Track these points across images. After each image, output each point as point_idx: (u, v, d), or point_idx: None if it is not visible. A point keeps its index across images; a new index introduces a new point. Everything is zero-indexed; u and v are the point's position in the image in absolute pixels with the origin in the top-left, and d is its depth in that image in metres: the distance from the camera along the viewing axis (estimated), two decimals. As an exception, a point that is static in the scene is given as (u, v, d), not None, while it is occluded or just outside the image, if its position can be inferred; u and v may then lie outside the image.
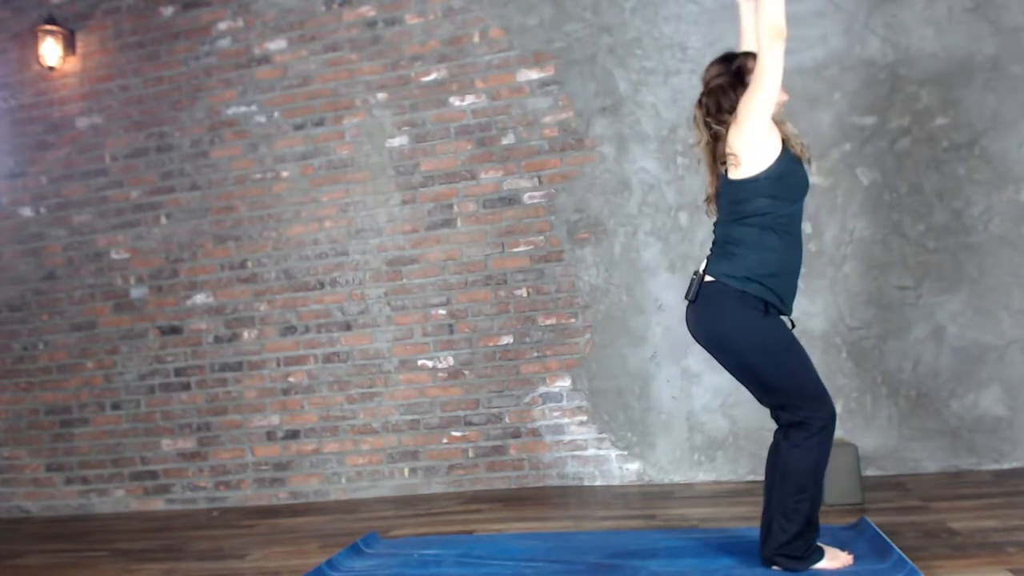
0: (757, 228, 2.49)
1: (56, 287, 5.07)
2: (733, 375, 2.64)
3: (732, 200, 2.54)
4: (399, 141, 4.66)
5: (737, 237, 2.53)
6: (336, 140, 4.73)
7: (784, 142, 2.51)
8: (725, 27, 4.24)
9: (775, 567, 2.52)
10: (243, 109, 4.85)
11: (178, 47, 4.96)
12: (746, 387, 2.64)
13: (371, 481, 4.61)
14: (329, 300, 4.71)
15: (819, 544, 2.54)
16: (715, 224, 2.65)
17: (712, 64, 2.61)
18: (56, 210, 5.10)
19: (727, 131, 2.50)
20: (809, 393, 2.49)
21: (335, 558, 3.07)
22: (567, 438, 4.38)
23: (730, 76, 2.53)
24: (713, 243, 2.64)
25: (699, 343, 2.64)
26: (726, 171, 2.53)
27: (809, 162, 2.60)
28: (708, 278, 2.54)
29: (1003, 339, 3.90)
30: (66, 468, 5.01)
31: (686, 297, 2.61)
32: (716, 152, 2.55)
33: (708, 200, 2.66)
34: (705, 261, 2.61)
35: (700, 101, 2.59)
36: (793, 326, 2.59)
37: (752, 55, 2.54)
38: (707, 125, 2.55)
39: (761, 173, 2.47)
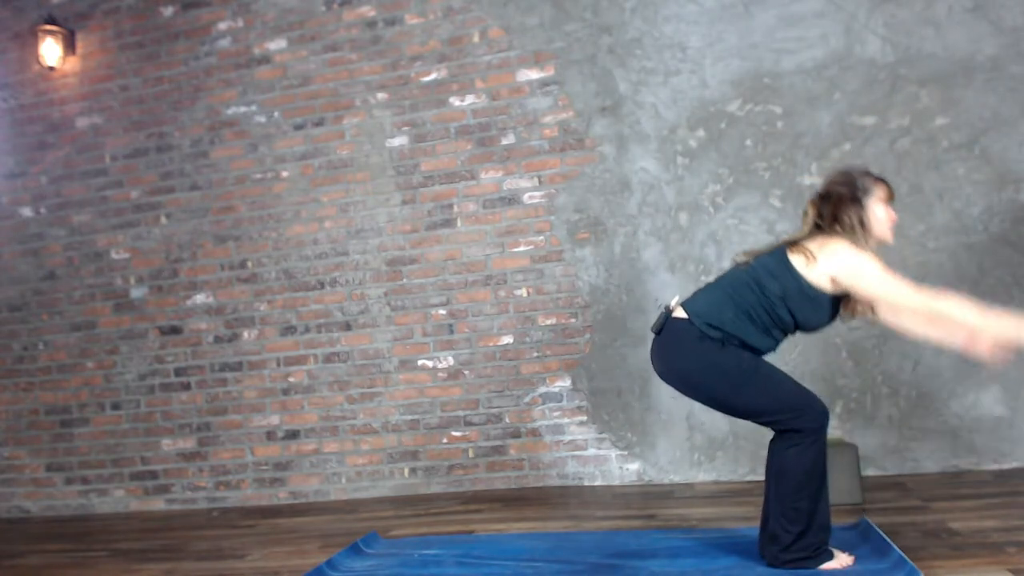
0: (753, 297, 2.50)
1: (56, 287, 5.07)
2: (709, 407, 2.66)
3: (764, 263, 2.54)
4: (399, 141, 4.66)
5: (728, 287, 2.55)
6: (336, 140, 4.74)
7: (849, 297, 2.51)
8: (725, 27, 4.25)
9: (785, 567, 2.51)
10: (243, 109, 4.85)
11: (178, 47, 4.96)
12: (727, 415, 2.65)
13: (371, 481, 4.61)
14: (329, 300, 4.71)
15: (830, 547, 2.53)
16: (735, 265, 2.64)
17: (843, 170, 2.62)
18: (56, 210, 5.10)
19: (829, 237, 2.49)
20: (790, 406, 2.48)
21: (335, 558, 3.07)
22: (567, 438, 4.38)
23: (853, 191, 2.53)
24: (715, 279, 2.66)
25: (663, 380, 2.65)
26: (788, 247, 2.53)
27: (841, 318, 2.59)
28: (678, 313, 2.57)
29: (1003, 339, 3.89)
30: (66, 468, 5.01)
31: (652, 329, 2.63)
32: (801, 242, 2.53)
33: (748, 253, 2.63)
34: (677, 296, 2.65)
35: (815, 201, 2.58)
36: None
37: (884, 182, 2.57)
38: (817, 226, 2.54)
39: (807, 280, 2.47)
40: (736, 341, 2.51)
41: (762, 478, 2.64)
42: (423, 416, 4.56)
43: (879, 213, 2.55)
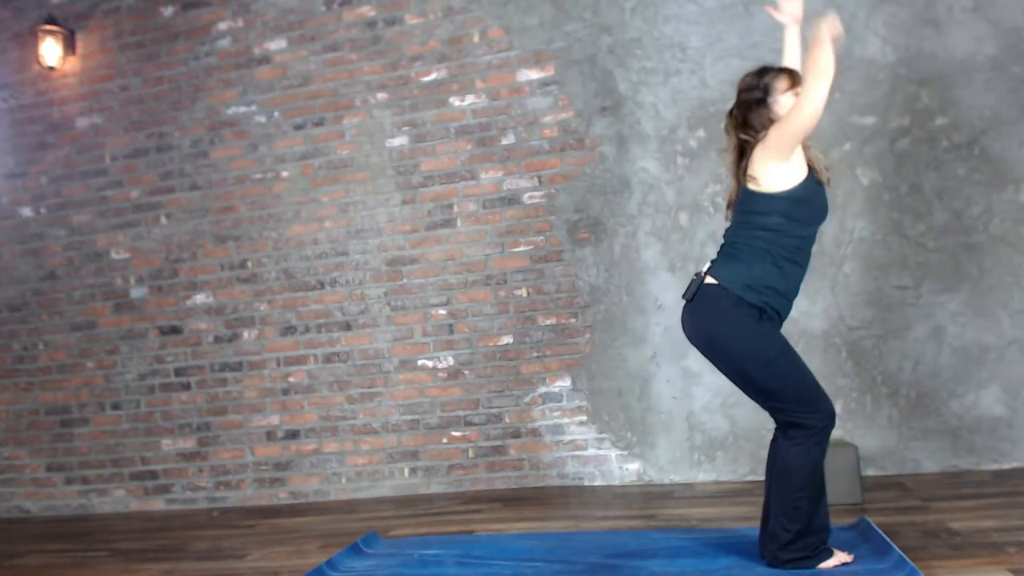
0: (764, 243, 2.53)
1: (56, 287, 5.07)
2: (728, 378, 2.67)
3: (747, 209, 2.57)
4: (399, 141, 4.66)
5: (744, 245, 2.56)
6: (336, 140, 4.73)
7: (809, 166, 2.55)
8: (725, 27, 4.25)
9: (784, 567, 2.51)
10: (243, 109, 4.85)
11: (178, 47, 4.96)
12: (741, 390, 2.66)
13: (371, 481, 4.61)
14: (329, 300, 4.71)
15: (829, 547, 2.54)
16: (727, 229, 2.68)
17: (747, 75, 2.65)
18: (56, 210, 5.10)
19: (754, 147, 2.53)
20: (805, 397, 2.51)
21: (335, 558, 3.08)
22: (567, 438, 4.38)
23: (759, 92, 2.58)
24: (721, 246, 2.66)
25: (692, 344, 2.66)
26: (746, 183, 2.56)
27: (828, 183, 2.63)
28: (708, 280, 2.57)
29: (1003, 339, 3.90)
30: (66, 468, 5.01)
31: (684, 296, 2.64)
32: (740, 165, 2.58)
33: (728, 206, 2.69)
34: (708, 263, 2.64)
35: (731, 111, 2.63)
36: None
37: (785, 72, 2.61)
38: (735, 135, 2.60)
39: (781, 192, 2.51)
40: (771, 300, 2.51)
41: (762, 478, 2.64)
42: (423, 416, 4.56)
43: (787, 103, 2.55)
